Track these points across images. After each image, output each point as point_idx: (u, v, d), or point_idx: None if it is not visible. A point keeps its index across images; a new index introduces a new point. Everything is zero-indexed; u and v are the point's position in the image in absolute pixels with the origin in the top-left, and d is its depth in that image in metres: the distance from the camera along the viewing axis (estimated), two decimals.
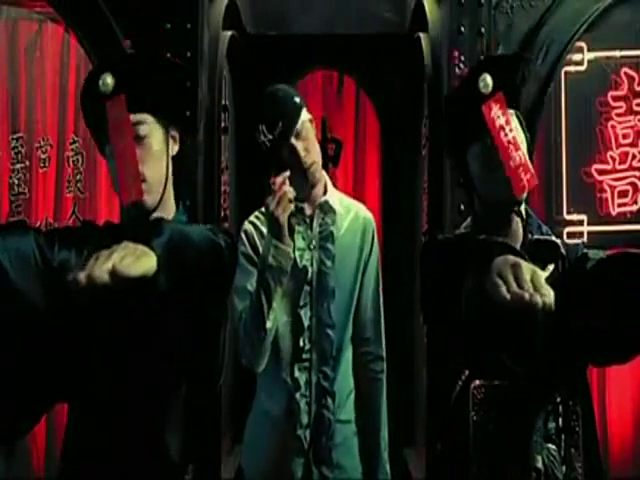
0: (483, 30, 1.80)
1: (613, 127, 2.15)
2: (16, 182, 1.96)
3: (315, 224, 1.50)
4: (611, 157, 2.15)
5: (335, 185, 1.64)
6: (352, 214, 1.55)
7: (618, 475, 2.28)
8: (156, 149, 1.12)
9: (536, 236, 1.22)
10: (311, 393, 1.44)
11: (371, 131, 2.78)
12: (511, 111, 1.20)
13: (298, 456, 1.43)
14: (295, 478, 1.42)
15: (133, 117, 1.08)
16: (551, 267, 1.19)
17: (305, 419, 1.44)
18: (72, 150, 2.09)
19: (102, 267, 0.74)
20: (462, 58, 1.85)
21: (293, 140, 1.43)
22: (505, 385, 1.15)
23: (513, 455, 1.12)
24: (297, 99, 1.47)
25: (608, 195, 2.14)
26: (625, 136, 2.15)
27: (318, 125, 1.60)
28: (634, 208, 2.15)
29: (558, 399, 1.15)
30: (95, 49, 1.78)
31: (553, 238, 1.22)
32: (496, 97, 1.17)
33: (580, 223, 2.12)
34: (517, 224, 1.23)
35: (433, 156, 2.05)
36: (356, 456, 1.50)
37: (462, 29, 1.80)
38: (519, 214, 1.22)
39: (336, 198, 1.55)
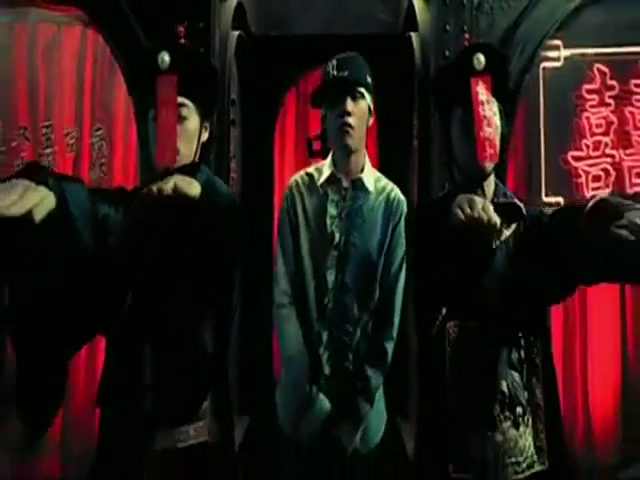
0: (466, 28, 2.01)
1: (587, 118, 2.36)
2: (47, 165, 2.18)
3: (348, 197, 1.66)
4: (585, 145, 2.35)
5: None
6: (384, 194, 1.69)
7: (599, 444, 2.45)
8: (192, 131, 1.33)
9: (502, 200, 1.42)
10: (332, 346, 1.59)
11: (370, 135, 2.98)
12: (493, 98, 1.41)
13: (321, 403, 1.57)
14: (321, 417, 1.56)
15: (179, 98, 1.30)
16: (514, 225, 1.40)
17: (327, 370, 1.59)
18: (96, 137, 2.29)
19: (168, 184, 0.94)
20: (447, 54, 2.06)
21: (349, 104, 1.58)
22: (476, 324, 1.35)
23: (483, 382, 1.32)
24: (370, 80, 1.65)
25: (583, 180, 2.34)
26: (598, 126, 2.36)
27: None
28: (606, 191, 2.35)
29: (520, 335, 1.35)
30: (117, 45, 2.00)
31: (516, 201, 1.43)
32: (484, 77, 1.37)
33: (557, 205, 2.32)
34: (487, 190, 1.43)
35: (422, 146, 2.25)
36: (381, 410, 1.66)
37: (447, 27, 2.01)
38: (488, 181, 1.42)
39: (372, 177, 1.70)
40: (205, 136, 1.39)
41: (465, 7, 2.03)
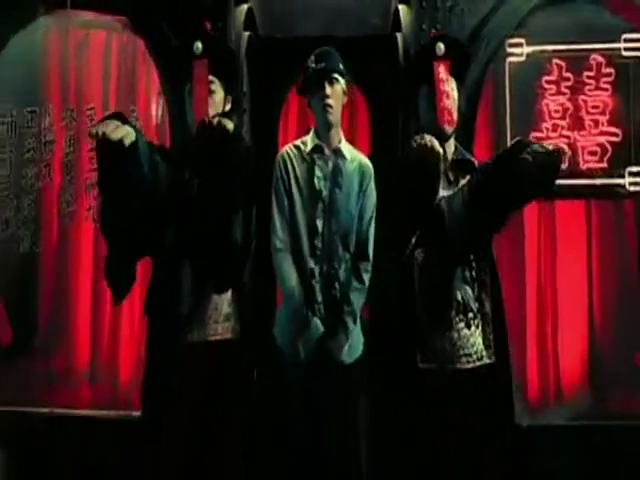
0: (439, 27, 2.42)
1: (547, 104, 2.76)
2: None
3: (331, 162, 2.06)
4: (545, 127, 2.75)
5: None
6: (357, 161, 2.09)
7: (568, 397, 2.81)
8: (218, 102, 1.75)
9: (460, 157, 1.82)
10: (322, 279, 1.97)
11: (362, 119, 3.38)
12: (452, 77, 1.81)
13: (316, 324, 1.94)
14: (316, 335, 1.93)
15: (210, 76, 1.72)
16: (468, 176, 1.81)
17: (319, 298, 1.97)
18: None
19: (215, 118, 1.35)
20: None
21: (328, 88, 1.98)
22: (437, 251, 1.74)
23: (442, 293, 1.72)
24: (342, 67, 2.05)
25: None
26: (556, 111, 2.76)
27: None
28: (563, 167, 2.74)
29: (472, 258, 1.75)
30: (152, 42, 2.42)
31: (470, 158, 1.83)
32: (444, 61, 1.78)
33: None
34: (448, 149, 1.83)
35: (405, 130, 2.64)
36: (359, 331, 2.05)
37: (423, 27, 2.42)
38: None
39: (347, 148, 2.11)
40: (228, 106, 1.80)
41: (439, 9, 2.44)
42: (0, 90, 2.73)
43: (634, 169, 2.74)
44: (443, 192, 1.75)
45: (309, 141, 2.10)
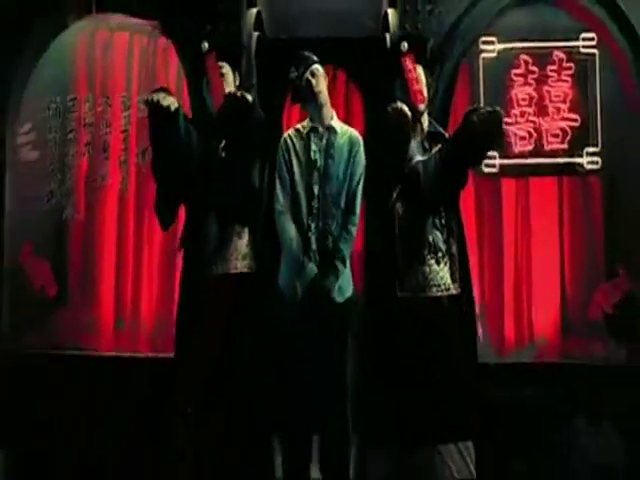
0: (420, 26, 2.86)
1: (515, 94, 3.19)
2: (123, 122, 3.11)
3: (324, 137, 2.52)
4: (514, 114, 3.18)
5: None
6: (347, 134, 2.54)
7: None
8: (229, 80, 2.20)
9: (433, 129, 2.26)
10: (317, 232, 2.42)
11: (356, 108, 3.82)
12: (420, 67, 2.25)
13: (311, 267, 2.39)
14: (310, 276, 2.36)
15: (220, 63, 2.16)
16: (440, 145, 2.24)
17: (314, 247, 2.41)
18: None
19: (238, 91, 1.79)
20: None
21: (309, 76, 2.47)
22: (414, 203, 2.18)
23: (417, 236, 2.15)
24: (314, 57, 2.54)
25: (512, 139, 3.17)
26: (523, 100, 3.19)
27: None
28: (529, 148, 3.18)
29: (442, 209, 2.18)
30: (177, 40, 2.86)
31: (442, 131, 2.27)
32: (409, 55, 2.23)
33: (494, 158, 3.15)
34: (423, 123, 2.27)
35: None
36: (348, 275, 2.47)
37: (406, 27, 2.86)
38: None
39: (338, 124, 2.57)
40: (237, 81, 2.26)
41: (420, 12, 2.88)
42: (45, 83, 3.17)
43: (591, 150, 3.17)
44: (419, 157, 2.20)
45: (306, 124, 2.57)
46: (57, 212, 3.15)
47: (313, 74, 2.49)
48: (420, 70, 2.25)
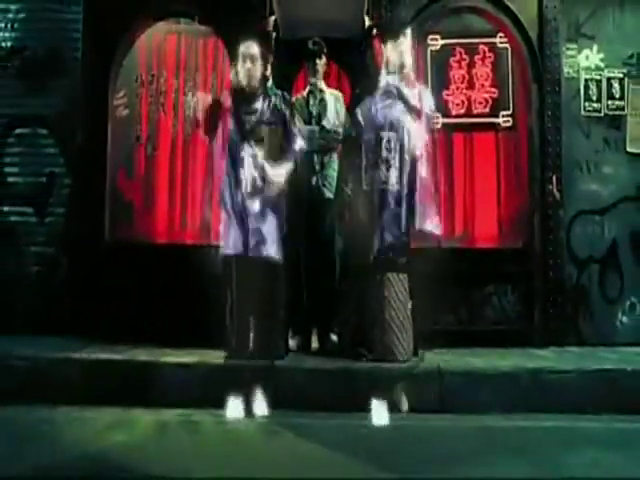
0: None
1: (453, 75, 4.64)
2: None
3: (317, 95, 4.03)
4: (452, 88, 4.64)
5: None
6: (334, 94, 4.10)
7: None
8: (260, 63, 3.62)
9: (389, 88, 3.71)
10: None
11: (345, 90, 5.26)
12: (383, 46, 3.71)
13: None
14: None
15: (252, 51, 3.59)
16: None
17: (317, 167, 3.92)
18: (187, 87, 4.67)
19: None
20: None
21: (317, 60, 3.99)
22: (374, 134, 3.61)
23: (375, 149, 3.58)
24: (324, 47, 4.02)
25: (450, 105, 4.62)
26: (458, 79, 4.64)
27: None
28: (462, 111, 4.62)
29: (390, 135, 3.62)
30: (224, 37, 4.32)
31: (397, 86, 3.71)
32: (378, 38, 3.68)
33: (438, 117, 4.58)
34: (381, 82, 3.71)
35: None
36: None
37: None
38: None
39: (326, 88, 4.10)
40: (269, 68, 3.69)
41: (383, 17, 4.33)
42: (133, 64, 4.64)
43: (505, 112, 4.62)
44: (380, 105, 3.64)
45: (307, 90, 4.08)
46: (141, 149, 4.63)
47: (320, 55, 4.01)
48: (383, 47, 3.69)
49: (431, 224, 3.64)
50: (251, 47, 3.58)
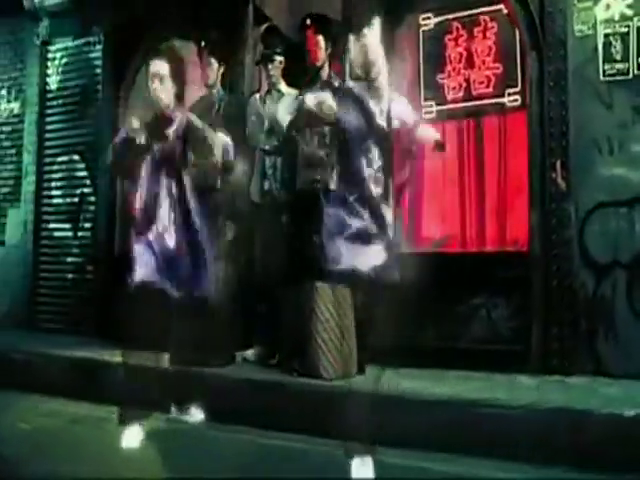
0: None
1: (449, 54, 4.08)
2: None
3: (275, 95, 3.89)
4: (447, 70, 4.07)
5: None
6: (293, 93, 3.90)
7: None
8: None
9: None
10: None
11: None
12: (320, 36, 3.46)
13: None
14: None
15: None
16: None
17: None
18: None
19: None
20: None
21: (270, 64, 3.87)
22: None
23: (311, 155, 3.34)
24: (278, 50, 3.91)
25: (446, 89, 4.06)
26: (455, 58, 4.06)
27: None
28: (459, 95, 4.03)
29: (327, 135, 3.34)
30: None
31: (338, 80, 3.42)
32: (312, 29, 3.46)
33: (431, 106, 4.07)
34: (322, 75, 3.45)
35: None
36: None
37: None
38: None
39: (285, 87, 3.91)
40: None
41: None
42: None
43: (511, 90, 3.91)
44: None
45: (264, 91, 3.98)
46: None
47: (271, 59, 3.86)
48: (320, 37, 3.46)
49: None
50: (158, 65, 3.53)
